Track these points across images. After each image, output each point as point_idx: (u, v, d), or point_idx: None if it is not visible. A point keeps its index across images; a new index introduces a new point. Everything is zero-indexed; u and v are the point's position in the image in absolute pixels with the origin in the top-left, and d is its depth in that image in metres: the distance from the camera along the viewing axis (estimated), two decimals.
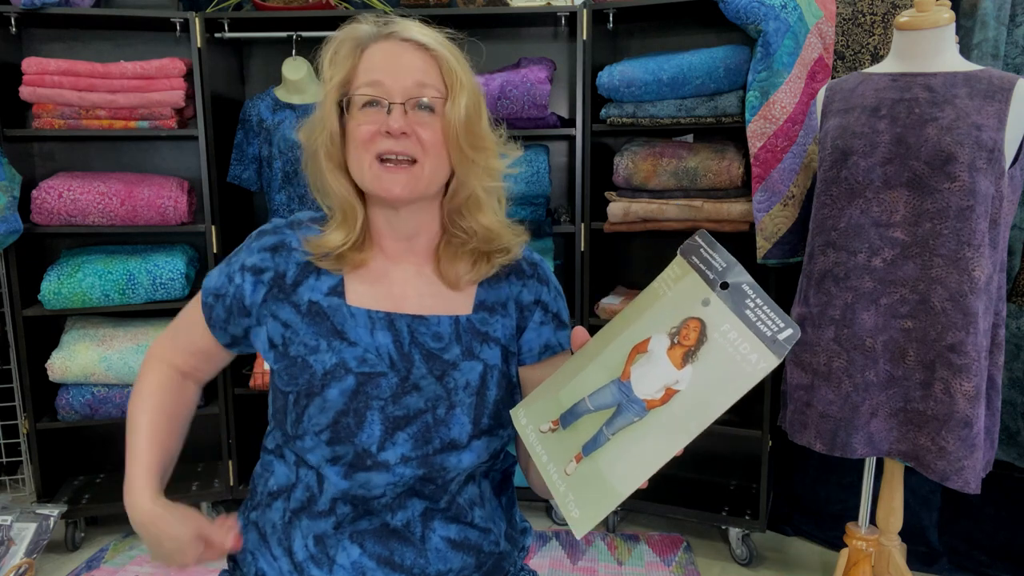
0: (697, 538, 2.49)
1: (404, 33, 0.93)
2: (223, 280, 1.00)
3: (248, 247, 1.00)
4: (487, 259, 0.99)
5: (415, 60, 0.92)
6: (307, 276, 0.97)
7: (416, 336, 0.96)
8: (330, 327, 0.95)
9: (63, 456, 2.61)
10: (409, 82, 0.90)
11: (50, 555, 2.38)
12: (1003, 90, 1.53)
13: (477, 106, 0.94)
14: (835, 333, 1.65)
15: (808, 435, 1.72)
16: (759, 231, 2.07)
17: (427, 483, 0.95)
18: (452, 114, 0.91)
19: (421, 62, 0.92)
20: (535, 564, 2.31)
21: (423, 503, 0.96)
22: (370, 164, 0.91)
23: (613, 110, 2.31)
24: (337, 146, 0.94)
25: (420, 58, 0.92)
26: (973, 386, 1.53)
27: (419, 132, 0.91)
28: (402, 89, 0.90)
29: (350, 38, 0.94)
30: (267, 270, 0.97)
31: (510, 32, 2.62)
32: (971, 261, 1.52)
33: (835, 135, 1.66)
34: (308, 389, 0.93)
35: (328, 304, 0.96)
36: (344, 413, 0.92)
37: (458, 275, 0.98)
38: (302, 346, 0.95)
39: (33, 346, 2.40)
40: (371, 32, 0.94)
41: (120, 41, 2.53)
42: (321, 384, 0.92)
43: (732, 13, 2.02)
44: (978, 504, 2.24)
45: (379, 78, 0.90)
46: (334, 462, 0.93)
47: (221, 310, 1.00)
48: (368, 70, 0.92)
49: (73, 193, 2.31)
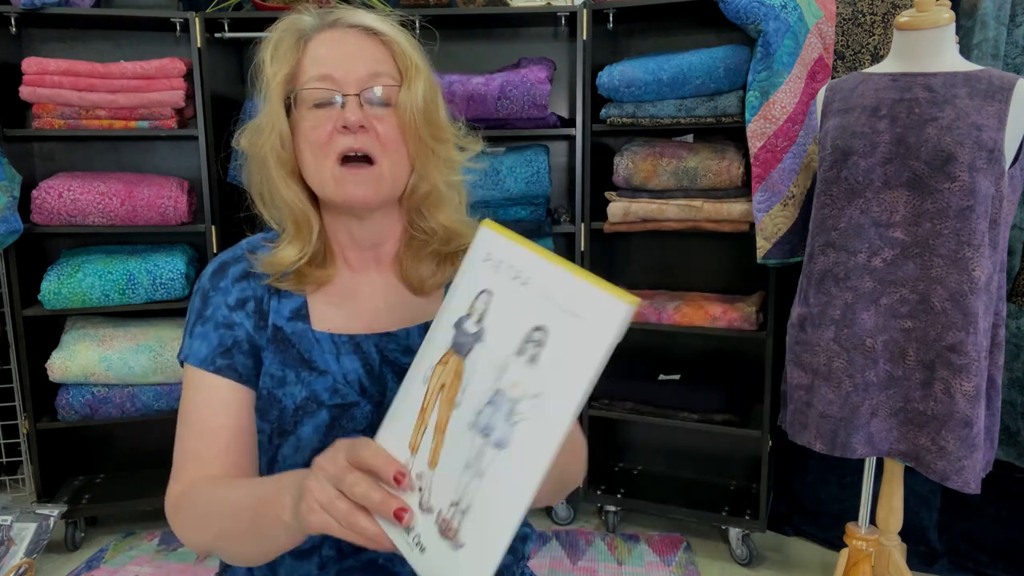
0: (697, 538, 2.49)
1: (350, 19, 0.85)
2: (220, 333, 0.88)
3: (217, 288, 0.90)
4: (450, 260, 0.92)
5: (365, 47, 0.84)
6: (271, 298, 0.89)
7: (386, 354, 0.89)
8: (296, 355, 0.87)
9: (63, 456, 2.61)
10: (362, 72, 0.82)
11: (50, 555, 2.38)
12: (1003, 90, 1.53)
13: (435, 93, 0.87)
14: (835, 333, 1.65)
15: (808, 435, 1.72)
16: (759, 231, 2.07)
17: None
18: (409, 100, 0.83)
19: (372, 49, 0.84)
20: (535, 564, 2.31)
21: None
22: (332, 168, 0.82)
23: (613, 110, 2.31)
24: (288, 150, 0.85)
25: (370, 45, 0.84)
26: (973, 386, 1.53)
27: (377, 127, 0.83)
28: (355, 80, 0.82)
29: (292, 30, 0.85)
30: (248, 299, 0.89)
31: (510, 32, 2.62)
32: (971, 261, 1.52)
33: (835, 135, 1.66)
34: (280, 427, 0.85)
35: (292, 330, 0.87)
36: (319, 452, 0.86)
37: (422, 279, 0.91)
38: (268, 377, 0.87)
39: (33, 346, 2.40)
40: (314, 22, 0.86)
41: (120, 41, 2.53)
42: (293, 421, 0.85)
43: (732, 13, 2.02)
44: (978, 504, 2.24)
45: (328, 71, 0.82)
46: None
47: (244, 357, 0.87)
48: (315, 63, 0.83)
49: (73, 193, 2.31)
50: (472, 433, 0.62)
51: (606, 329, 0.55)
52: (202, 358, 0.86)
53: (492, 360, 0.62)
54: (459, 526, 0.61)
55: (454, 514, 0.62)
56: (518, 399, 0.59)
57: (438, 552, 0.62)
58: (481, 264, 0.66)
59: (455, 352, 0.65)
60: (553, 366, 0.58)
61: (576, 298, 0.58)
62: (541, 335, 0.60)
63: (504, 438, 0.60)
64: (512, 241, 0.65)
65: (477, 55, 2.61)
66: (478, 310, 0.65)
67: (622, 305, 0.55)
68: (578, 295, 0.58)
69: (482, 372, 0.63)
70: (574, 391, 0.56)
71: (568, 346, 0.58)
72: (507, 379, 0.61)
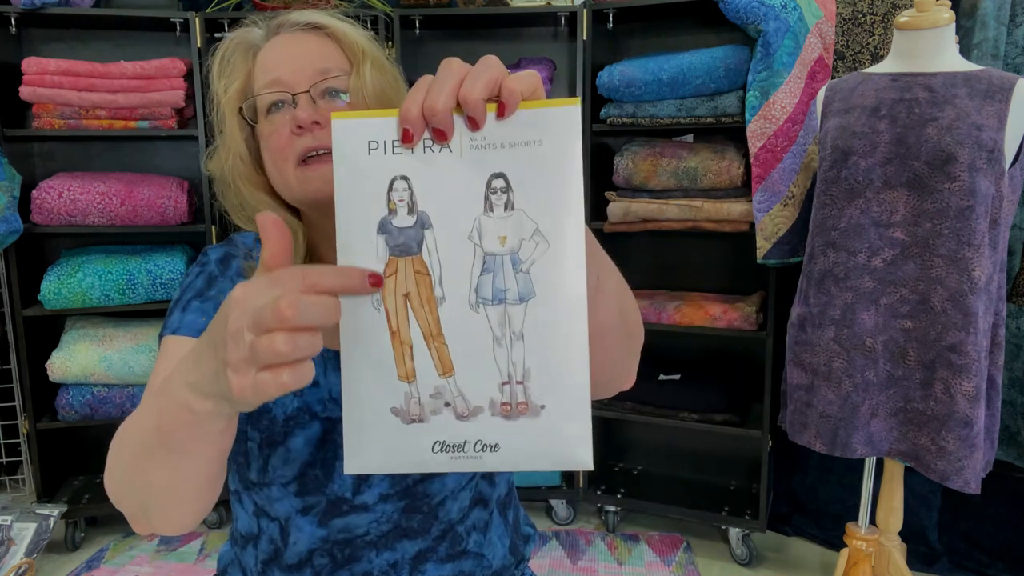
0: (697, 538, 2.49)
1: (292, 20, 0.84)
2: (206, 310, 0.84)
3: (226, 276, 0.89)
4: None
5: (310, 45, 0.83)
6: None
7: None
8: None
9: (63, 456, 2.61)
10: (309, 69, 0.81)
11: (50, 555, 2.38)
12: (1003, 90, 1.53)
13: (392, 82, 0.85)
14: (835, 333, 1.65)
15: (808, 435, 1.72)
16: (759, 231, 2.07)
17: (413, 514, 0.86)
18: (359, 87, 0.81)
19: (317, 45, 0.83)
20: (535, 564, 2.31)
21: (414, 545, 0.87)
22: (293, 171, 0.80)
23: (613, 110, 2.31)
24: (250, 165, 0.84)
25: (315, 41, 0.83)
26: (973, 386, 1.53)
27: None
28: (304, 78, 0.80)
29: (241, 42, 0.85)
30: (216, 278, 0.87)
31: (510, 32, 2.62)
32: (971, 261, 1.52)
33: (835, 135, 1.66)
34: (270, 437, 0.83)
35: None
36: (310, 465, 0.83)
37: None
38: None
39: (33, 346, 2.40)
40: (259, 32, 0.85)
41: (120, 41, 2.53)
42: (283, 432, 0.83)
43: (732, 13, 2.02)
44: (978, 504, 2.24)
45: (277, 75, 0.81)
46: (305, 512, 0.84)
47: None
48: (264, 71, 0.82)
49: (73, 193, 2.31)
50: (480, 311, 0.58)
51: (567, 137, 0.55)
52: (198, 329, 0.82)
53: (458, 233, 0.58)
54: (528, 396, 0.58)
55: (512, 392, 0.58)
56: (516, 247, 0.57)
57: (517, 435, 0.58)
58: (367, 157, 0.58)
59: (400, 255, 0.58)
60: (534, 197, 0.56)
61: (516, 128, 0.56)
62: (502, 181, 0.57)
63: (526, 288, 0.57)
64: (386, 117, 0.58)
65: (477, 55, 2.58)
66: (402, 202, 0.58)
67: (567, 108, 0.55)
68: (517, 125, 0.56)
69: (454, 251, 0.58)
70: (570, 204, 0.56)
71: (540, 172, 0.56)
72: (490, 239, 0.57)
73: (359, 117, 0.57)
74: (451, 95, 0.54)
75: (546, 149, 0.56)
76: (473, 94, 0.54)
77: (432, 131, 0.56)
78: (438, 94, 0.54)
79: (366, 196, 0.58)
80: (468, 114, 0.55)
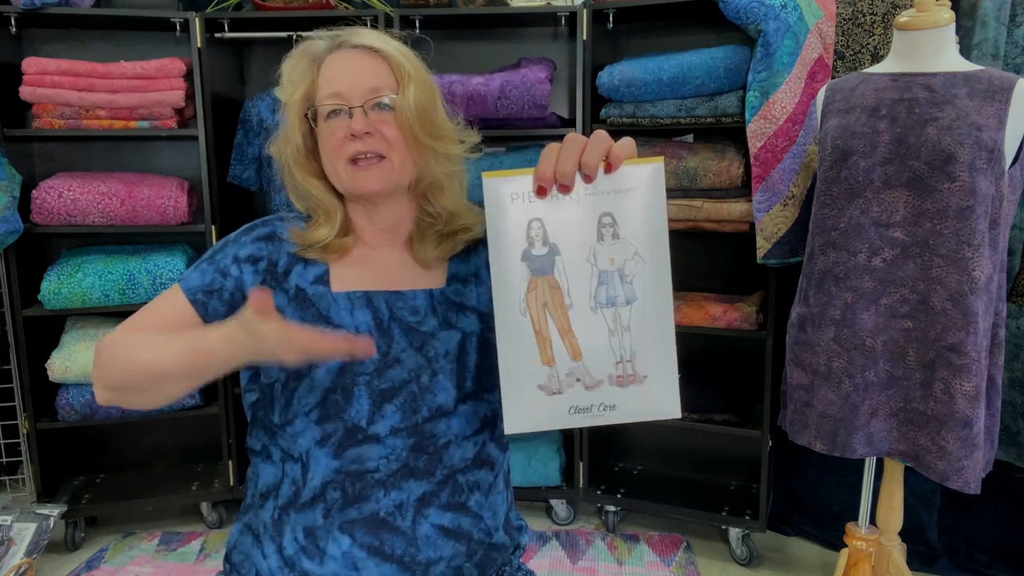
0: (697, 538, 2.49)
1: (353, 40, 1.02)
2: (213, 276, 1.02)
3: (237, 241, 1.05)
4: (451, 237, 1.07)
5: (366, 64, 1.00)
6: (295, 264, 1.04)
7: (395, 311, 1.02)
8: (315, 312, 1.01)
9: (63, 456, 2.61)
10: (365, 86, 0.99)
11: (50, 555, 2.38)
12: (1003, 90, 1.53)
13: (430, 96, 1.02)
14: (835, 333, 1.65)
15: (808, 435, 1.72)
16: (759, 231, 2.07)
17: (420, 454, 0.98)
18: (403, 104, 0.99)
19: (372, 65, 1.00)
20: (535, 564, 2.31)
21: (420, 486, 0.98)
22: (344, 168, 0.99)
23: (613, 110, 2.31)
24: (304, 155, 1.03)
25: (371, 61, 1.01)
26: (973, 386, 1.53)
27: (382, 130, 0.99)
28: (359, 94, 0.98)
29: (307, 55, 1.02)
30: (262, 259, 1.03)
31: (510, 32, 2.62)
32: (971, 261, 1.52)
33: (835, 135, 1.66)
34: (296, 372, 0.98)
35: (314, 292, 1.02)
36: (332, 390, 0.97)
37: (427, 255, 1.06)
38: None
39: (33, 346, 2.40)
40: (324, 46, 1.02)
41: (120, 41, 2.53)
42: (308, 366, 0.97)
43: (732, 13, 2.02)
44: (978, 504, 2.24)
45: (337, 88, 0.99)
46: (323, 442, 0.97)
47: (219, 304, 1.01)
48: (327, 82, 1.00)
49: (73, 193, 2.31)
50: (599, 312, 0.83)
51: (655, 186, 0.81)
52: (189, 287, 1.02)
53: (579, 258, 0.82)
54: (635, 370, 0.83)
55: (624, 368, 0.83)
56: (622, 266, 0.82)
57: (629, 397, 0.84)
58: (511, 205, 0.82)
59: (538, 275, 0.83)
60: (633, 229, 0.82)
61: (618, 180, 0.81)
62: (609, 218, 0.82)
63: (630, 294, 0.83)
64: (523, 176, 0.82)
65: (477, 55, 2.61)
66: (538, 236, 0.82)
67: (654, 165, 0.81)
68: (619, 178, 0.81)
69: (577, 270, 0.82)
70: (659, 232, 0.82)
71: (636, 211, 0.81)
72: (603, 260, 0.82)
73: (503, 176, 0.82)
74: (575, 163, 0.80)
75: (640, 194, 0.82)
76: (592, 160, 0.80)
77: (559, 186, 0.82)
78: (566, 162, 0.80)
79: (511, 233, 0.82)
80: (586, 173, 0.81)
